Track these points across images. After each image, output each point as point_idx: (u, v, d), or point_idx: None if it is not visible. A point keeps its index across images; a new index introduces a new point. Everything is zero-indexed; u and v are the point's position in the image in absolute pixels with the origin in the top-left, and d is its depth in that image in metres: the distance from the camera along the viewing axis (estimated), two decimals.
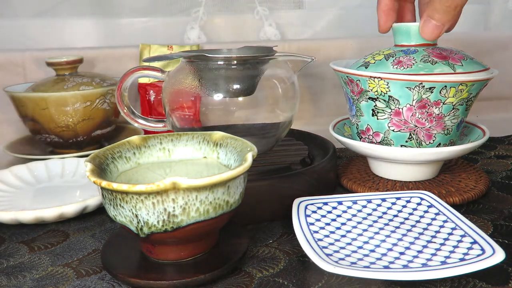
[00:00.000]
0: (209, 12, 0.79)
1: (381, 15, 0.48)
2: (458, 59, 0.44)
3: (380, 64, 0.45)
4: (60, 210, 0.42)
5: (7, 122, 0.70)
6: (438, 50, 0.45)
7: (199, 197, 0.30)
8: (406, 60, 0.44)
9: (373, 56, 0.47)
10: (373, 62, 0.46)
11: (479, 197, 0.45)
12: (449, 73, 0.42)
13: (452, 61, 0.43)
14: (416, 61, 0.43)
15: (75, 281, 0.34)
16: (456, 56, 0.44)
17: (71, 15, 0.76)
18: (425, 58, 0.44)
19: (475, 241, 0.33)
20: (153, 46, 0.69)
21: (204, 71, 0.46)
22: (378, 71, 0.44)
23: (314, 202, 0.40)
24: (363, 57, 0.49)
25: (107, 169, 0.34)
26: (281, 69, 0.49)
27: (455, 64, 0.43)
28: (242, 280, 0.33)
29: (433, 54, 0.44)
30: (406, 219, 0.39)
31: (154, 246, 0.33)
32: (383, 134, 0.46)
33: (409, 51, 0.45)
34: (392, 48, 0.48)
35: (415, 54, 0.44)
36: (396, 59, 0.44)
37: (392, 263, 0.32)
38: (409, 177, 0.48)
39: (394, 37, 0.48)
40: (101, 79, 0.63)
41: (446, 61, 0.43)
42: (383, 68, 0.44)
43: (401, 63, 0.44)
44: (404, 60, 0.44)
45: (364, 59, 0.48)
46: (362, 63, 0.47)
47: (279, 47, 0.51)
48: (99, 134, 0.63)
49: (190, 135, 0.39)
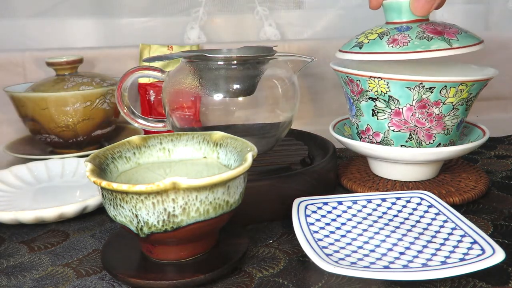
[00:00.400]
0: (209, 12, 0.79)
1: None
2: (453, 33, 0.43)
3: (374, 43, 0.44)
4: (60, 210, 0.42)
5: (7, 122, 0.70)
6: (432, 25, 0.44)
7: (199, 197, 0.30)
8: (401, 38, 0.43)
9: (366, 35, 0.46)
10: (367, 42, 0.45)
11: (479, 197, 0.45)
12: (446, 48, 0.42)
13: (447, 36, 0.43)
14: (411, 38, 0.43)
15: (75, 281, 0.34)
16: (450, 31, 0.44)
17: (71, 15, 0.76)
18: (420, 34, 0.43)
19: (475, 241, 0.33)
20: (153, 46, 0.69)
21: (204, 71, 0.46)
22: (373, 50, 0.43)
23: (314, 202, 0.40)
24: (355, 36, 0.48)
25: (107, 169, 0.34)
26: (281, 69, 0.49)
27: (451, 39, 0.43)
28: (242, 280, 0.33)
29: (427, 30, 0.43)
30: (406, 219, 0.39)
31: (154, 246, 0.33)
32: (383, 134, 0.46)
33: (403, 28, 0.44)
34: (384, 25, 0.47)
35: (409, 31, 0.44)
36: (391, 38, 0.44)
37: (392, 263, 0.32)
38: (409, 177, 0.48)
39: (385, 14, 0.47)
40: (101, 79, 0.63)
41: (442, 36, 0.43)
42: (378, 48, 0.44)
43: (396, 41, 0.43)
44: (399, 38, 0.43)
45: (356, 38, 0.47)
46: (355, 43, 0.46)
47: (279, 47, 0.51)
48: (99, 134, 0.63)
49: (190, 135, 0.39)
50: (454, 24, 0.45)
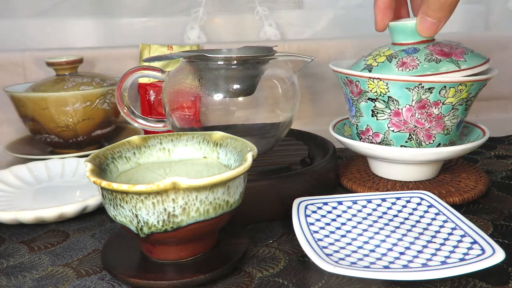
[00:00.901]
0: (209, 12, 0.79)
1: (378, 13, 0.47)
2: (460, 54, 0.44)
3: (383, 66, 0.45)
4: (60, 210, 0.42)
5: (7, 122, 0.70)
6: (438, 46, 0.45)
7: (199, 197, 0.30)
8: (410, 61, 0.43)
9: (374, 57, 0.47)
10: (376, 65, 0.45)
11: (479, 197, 0.45)
12: (454, 70, 0.42)
13: (455, 57, 0.43)
14: (420, 61, 0.43)
15: (75, 281, 0.34)
16: (457, 51, 0.44)
17: (71, 15, 0.76)
18: (428, 57, 0.43)
19: (475, 241, 0.33)
20: (153, 46, 0.69)
21: (204, 71, 0.46)
22: (381, 74, 0.43)
23: (314, 202, 0.40)
24: (363, 58, 0.49)
25: (107, 169, 0.35)
26: (281, 69, 0.49)
27: (459, 60, 0.43)
28: (242, 280, 0.33)
29: (435, 52, 0.44)
30: (406, 219, 0.39)
31: (154, 246, 0.33)
32: (383, 135, 0.46)
33: (410, 50, 0.45)
34: (391, 47, 0.47)
35: (417, 54, 0.44)
36: (400, 61, 0.44)
37: (392, 263, 0.32)
38: (409, 177, 0.48)
39: (392, 35, 0.48)
40: (101, 79, 0.63)
41: (450, 58, 0.43)
42: (387, 71, 0.44)
43: (405, 64, 0.43)
44: (408, 61, 0.44)
45: (364, 61, 0.48)
46: (364, 66, 0.47)
47: (279, 47, 0.51)
48: (99, 134, 0.63)
49: (190, 135, 0.39)
50: (459, 44, 0.46)
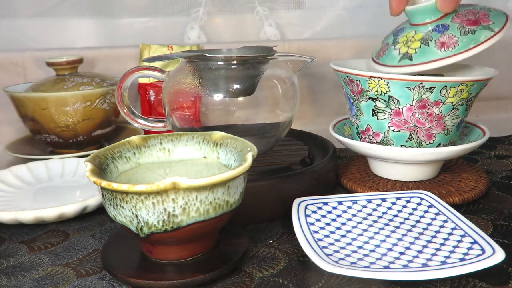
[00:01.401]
0: (209, 12, 0.79)
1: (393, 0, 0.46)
2: (486, 18, 0.43)
3: (424, 52, 0.43)
4: (60, 210, 0.42)
5: (7, 122, 0.70)
6: (463, 16, 0.44)
7: (199, 197, 0.30)
8: (448, 39, 0.43)
9: (405, 44, 0.45)
10: (414, 52, 0.44)
11: (479, 197, 0.45)
12: (492, 36, 0.42)
13: (484, 23, 0.43)
14: (457, 37, 0.42)
15: (75, 281, 0.34)
16: (481, 16, 0.43)
17: (71, 15, 0.76)
18: (462, 30, 0.43)
19: (475, 241, 0.33)
20: (153, 46, 0.70)
21: (204, 71, 0.46)
22: (427, 59, 0.42)
23: (314, 202, 0.40)
24: (391, 47, 0.47)
25: (107, 169, 0.34)
26: (281, 69, 0.49)
27: (489, 25, 0.42)
28: (242, 280, 0.33)
29: (464, 23, 0.43)
30: (406, 219, 0.39)
31: (154, 246, 0.33)
32: (383, 134, 0.46)
33: (440, 29, 0.44)
34: (413, 27, 0.46)
35: (450, 30, 0.43)
36: (437, 42, 0.43)
37: (392, 263, 0.32)
38: (409, 177, 0.48)
39: (410, 17, 0.47)
40: (101, 79, 0.63)
41: (481, 25, 0.42)
42: (431, 55, 0.43)
43: (445, 44, 0.43)
44: (445, 40, 0.43)
45: (396, 50, 0.46)
46: (400, 56, 0.45)
47: (279, 47, 0.51)
48: (99, 134, 0.63)
49: (190, 135, 0.39)
50: (473, 5, 0.45)
